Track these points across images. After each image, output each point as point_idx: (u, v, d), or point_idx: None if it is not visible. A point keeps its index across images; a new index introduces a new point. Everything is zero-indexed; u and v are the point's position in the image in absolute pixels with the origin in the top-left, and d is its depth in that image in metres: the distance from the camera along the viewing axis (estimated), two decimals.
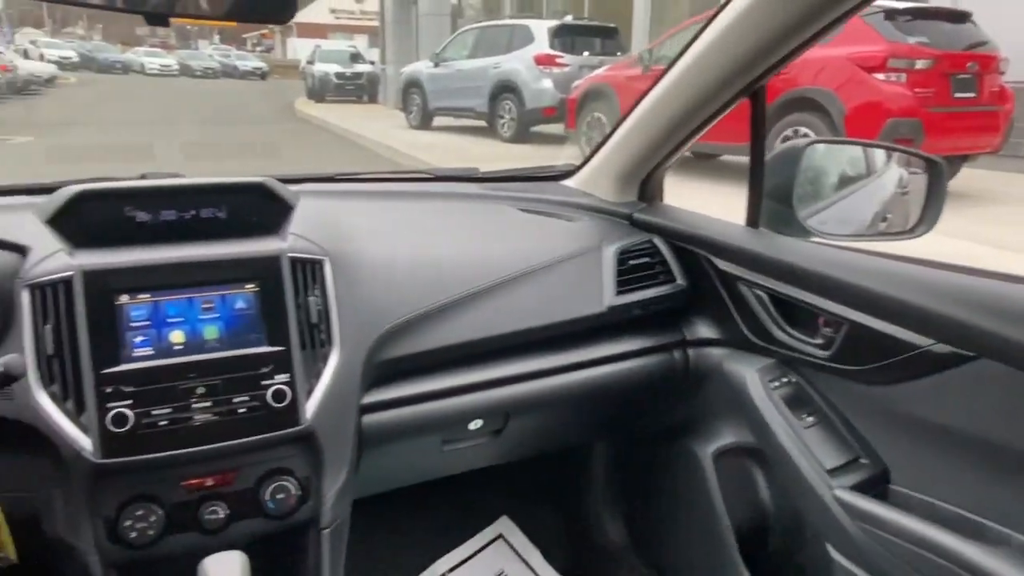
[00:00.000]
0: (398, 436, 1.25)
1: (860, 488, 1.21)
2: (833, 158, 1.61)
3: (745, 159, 1.41)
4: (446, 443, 1.35)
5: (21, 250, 1.06)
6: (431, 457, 1.39)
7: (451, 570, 1.75)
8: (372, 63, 19.59)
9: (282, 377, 1.08)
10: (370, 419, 1.20)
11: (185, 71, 28.47)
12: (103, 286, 1.04)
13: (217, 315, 1.09)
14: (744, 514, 1.42)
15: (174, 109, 16.71)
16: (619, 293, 1.40)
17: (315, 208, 1.27)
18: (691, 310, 1.49)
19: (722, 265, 1.40)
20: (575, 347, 1.39)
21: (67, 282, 1.02)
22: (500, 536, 1.84)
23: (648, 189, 1.60)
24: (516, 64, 10.44)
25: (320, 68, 18.77)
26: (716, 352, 1.45)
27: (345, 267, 1.20)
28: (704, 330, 1.48)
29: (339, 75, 18.68)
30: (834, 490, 1.21)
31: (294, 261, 1.14)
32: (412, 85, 12.79)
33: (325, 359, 1.13)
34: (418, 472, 1.49)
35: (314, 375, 1.12)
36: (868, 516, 1.16)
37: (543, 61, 10.11)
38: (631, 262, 1.44)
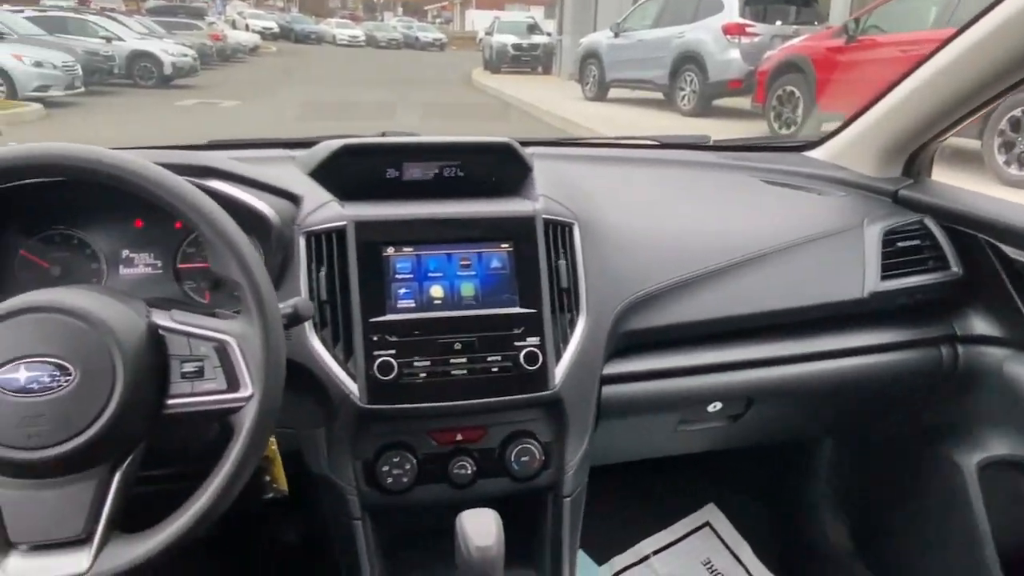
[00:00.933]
0: (637, 410, 1.21)
1: None
2: None
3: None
4: (683, 423, 1.29)
5: (295, 199, 1.11)
6: (664, 435, 1.34)
7: (656, 552, 1.70)
8: (548, 34, 19.58)
9: (533, 340, 1.07)
10: (610, 390, 1.16)
11: (371, 42, 29.90)
12: (372, 237, 1.06)
13: (473, 273, 1.09)
14: (1015, 536, 1.26)
15: (364, 77, 17.58)
16: (884, 278, 1.27)
17: (551, 171, 1.24)
18: (965, 302, 1.33)
19: (1011, 252, 1.23)
20: (828, 334, 1.28)
21: (340, 232, 1.06)
22: (707, 524, 1.76)
23: (916, 164, 1.43)
24: (701, 34, 9.98)
25: (498, 39, 19.01)
26: (995, 352, 1.28)
27: (591, 232, 1.16)
28: (981, 326, 1.31)
29: (516, 46, 18.81)
30: None
31: (547, 223, 1.12)
32: (590, 56, 12.62)
33: (572, 325, 1.10)
34: (648, 448, 1.44)
35: (562, 340, 1.09)
36: None
37: (732, 30, 9.59)
38: (899, 244, 1.30)
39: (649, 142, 1.67)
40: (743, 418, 1.30)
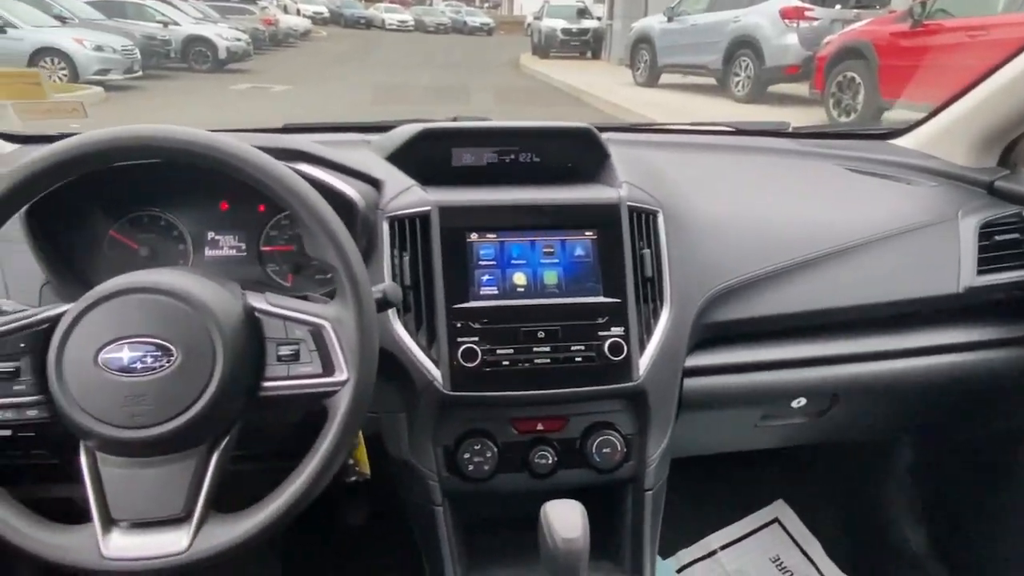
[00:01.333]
0: (719, 404, 1.18)
1: None
2: None
3: None
4: (765, 418, 1.26)
5: (376, 184, 1.10)
6: (744, 430, 1.31)
7: (724, 547, 1.67)
8: (598, 19, 19.35)
9: (617, 330, 1.05)
10: (692, 383, 1.14)
11: (419, 26, 29.93)
12: (456, 223, 1.05)
13: (556, 261, 1.07)
14: None
15: (412, 62, 17.62)
16: (980, 273, 1.22)
17: (629, 157, 1.21)
18: None
19: None
20: (919, 329, 1.23)
21: (424, 217, 1.05)
22: (776, 520, 1.73)
23: (1014, 154, 1.37)
24: (758, 18, 9.74)
25: (547, 24, 18.85)
26: None
27: (674, 220, 1.13)
28: None
29: (565, 31, 18.64)
30: None
31: (631, 210, 1.09)
32: (642, 40, 12.43)
33: (656, 316, 1.08)
34: (727, 443, 1.41)
35: (646, 331, 1.07)
36: None
37: (790, 14, 9.34)
38: (996, 238, 1.24)
39: (725, 128, 1.63)
40: (827, 415, 1.26)
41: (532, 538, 0.95)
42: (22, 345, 0.78)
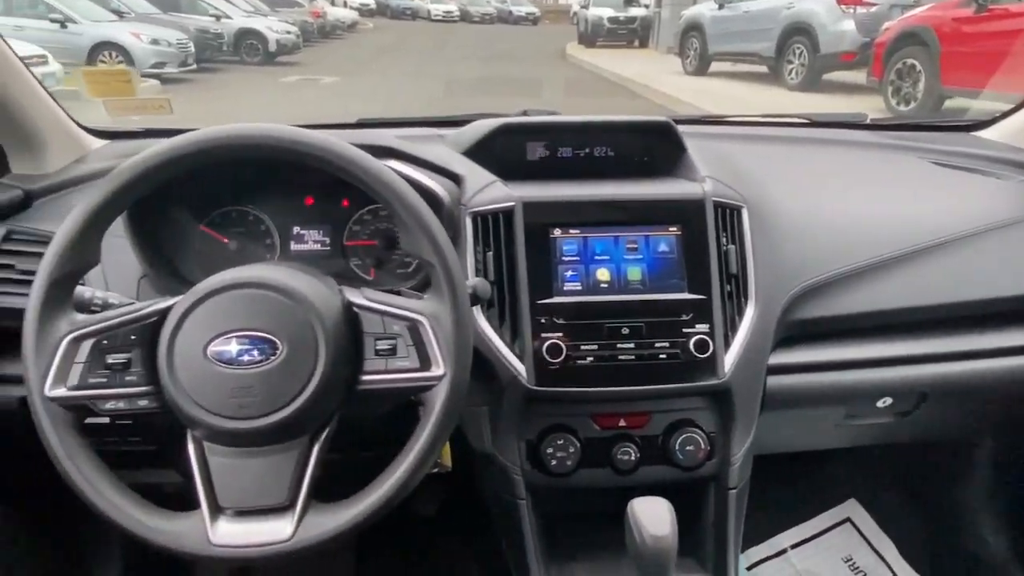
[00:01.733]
0: (802, 403, 1.16)
1: None
2: None
3: None
4: (848, 417, 1.24)
5: (456, 179, 1.11)
6: (827, 429, 1.29)
7: (794, 546, 1.65)
8: (646, 7, 19.09)
9: (702, 327, 1.04)
10: (776, 381, 1.12)
11: (464, 16, 29.94)
12: (540, 218, 1.05)
13: (640, 256, 1.07)
14: None
15: (458, 53, 17.63)
16: None
17: (706, 150, 1.20)
18: None
19: None
20: (1009, 328, 1.19)
21: (508, 212, 1.05)
22: (848, 520, 1.69)
23: None
24: (813, 4, 9.50)
25: (594, 12, 18.66)
26: None
27: (758, 216, 1.12)
28: None
29: (612, 19, 18.43)
30: None
31: (716, 206, 1.08)
32: (692, 28, 12.25)
33: (741, 313, 1.07)
34: (808, 441, 1.39)
35: (731, 328, 1.06)
36: None
37: (847, 0, 9.11)
38: None
39: (800, 120, 1.60)
40: (912, 415, 1.23)
41: (612, 534, 0.95)
42: (133, 337, 0.80)
